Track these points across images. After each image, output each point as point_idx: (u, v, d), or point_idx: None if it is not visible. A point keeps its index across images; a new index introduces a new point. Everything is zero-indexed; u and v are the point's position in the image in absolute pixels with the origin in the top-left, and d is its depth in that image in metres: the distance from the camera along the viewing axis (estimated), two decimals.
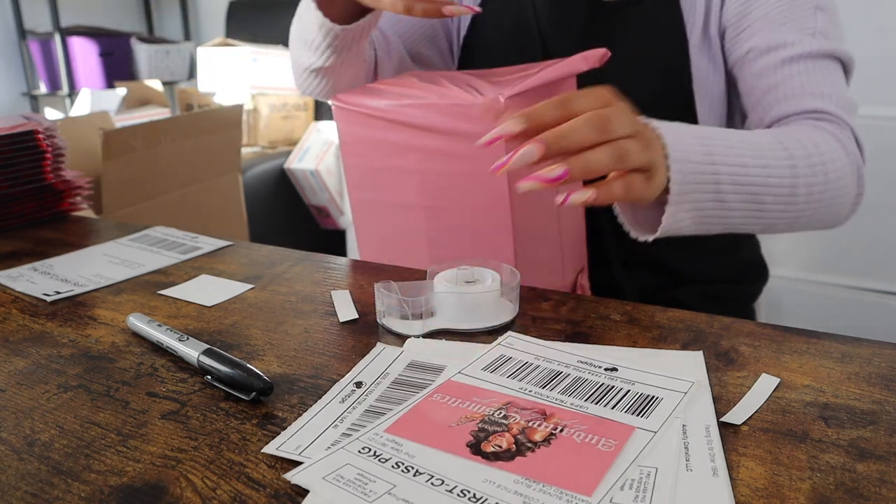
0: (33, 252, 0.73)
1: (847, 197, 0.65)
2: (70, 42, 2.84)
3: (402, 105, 0.63)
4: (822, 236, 1.57)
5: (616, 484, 0.34)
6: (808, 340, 0.48)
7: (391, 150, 0.66)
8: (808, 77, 0.67)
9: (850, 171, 0.64)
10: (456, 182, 0.63)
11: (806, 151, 0.60)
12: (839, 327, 0.57)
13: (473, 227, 0.65)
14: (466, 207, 0.64)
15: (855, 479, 0.34)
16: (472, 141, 0.60)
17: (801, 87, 0.67)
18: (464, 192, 0.64)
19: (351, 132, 0.68)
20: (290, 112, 2.47)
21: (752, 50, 0.70)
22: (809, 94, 0.67)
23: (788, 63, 0.68)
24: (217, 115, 1.62)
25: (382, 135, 0.65)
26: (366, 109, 0.65)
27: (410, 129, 0.63)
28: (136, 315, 0.53)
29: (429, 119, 0.62)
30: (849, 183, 0.64)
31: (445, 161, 0.63)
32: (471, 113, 0.60)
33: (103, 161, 1.33)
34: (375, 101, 0.65)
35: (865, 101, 1.44)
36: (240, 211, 1.75)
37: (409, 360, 0.47)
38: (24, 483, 0.36)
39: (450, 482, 0.34)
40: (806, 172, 0.60)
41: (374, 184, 0.69)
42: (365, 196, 0.70)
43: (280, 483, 0.35)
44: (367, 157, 0.68)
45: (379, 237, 0.71)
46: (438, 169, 0.64)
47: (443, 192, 0.65)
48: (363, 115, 0.66)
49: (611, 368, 0.45)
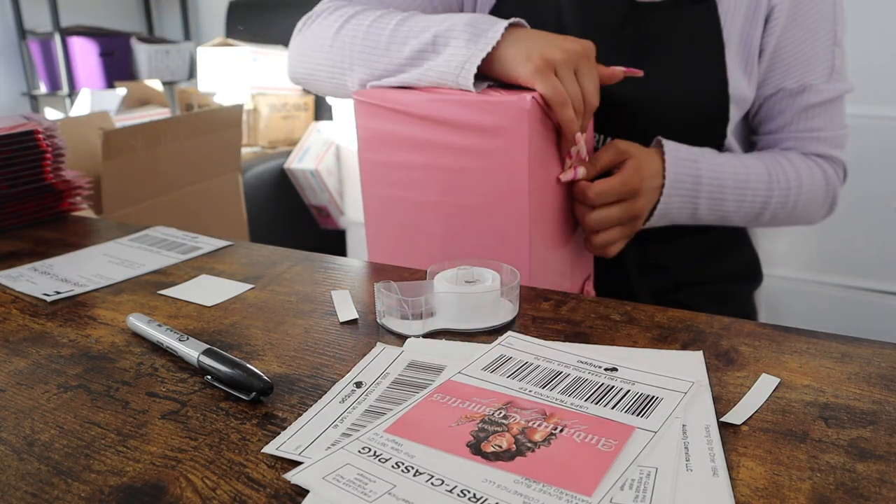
0: (33, 252, 0.73)
1: (812, 217, 0.83)
2: (70, 42, 2.84)
3: (426, 99, 0.63)
4: (822, 236, 1.57)
5: (616, 484, 0.34)
6: (808, 340, 0.48)
7: (411, 145, 0.65)
8: (820, 121, 0.81)
9: (823, 200, 0.82)
10: (475, 179, 0.63)
11: (787, 185, 0.77)
12: (839, 327, 0.58)
13: (489, 226, 0.64)
14: (483, 205, 0.64)
15: (855, 479, 0.34)
16: (495, 137, 0.61)
17: (812, 132, 0.81)
18: (482, 189, 0.64)
19: (370, 127, 0.68)
20: (290, 112, 2.47)
21: (783, 90, 0.80)
22: (816, 140, 0.81)
23: (808, 109, 0.80)
24: (217, 115, 1.62)
25: (403, 130, 0.65)
26: (388, 104, 0.65)
27: (432, 124, 0.63)
28: (136, 315, 0.53)
29: (453, 114, 0.62)
30: (816, 209, 0.82)
31: (466, 158, 0.63)
32: (496, 109, 0.60)
33: (103, 161, 1.33)
34: (398, 96, 0.65)
35: (865, 102, 1.44)
36: (240, 211, 1.75)
37: (409, 360, 0.47)
38: (24, 483, 0.36)
39: (450, 482, 0.34)
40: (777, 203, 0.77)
41: (390, 180, 0.68)
42: (380, 192, 0.70)
43: (280, 483, 0.35)
44: (386, 153, 0.68)
45: (391, 234, 0.71)
46: (458, 166, 0.64)
47: (461, 189, 0.64)
48: (384, 110, 0.65)
49: (611, 368, 0.45)
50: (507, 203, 0.62)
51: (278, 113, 2.44)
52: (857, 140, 1.44)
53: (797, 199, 0.78)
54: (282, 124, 2.45)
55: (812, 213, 0.82)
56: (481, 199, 0.64)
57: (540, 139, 0.62)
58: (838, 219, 1.55)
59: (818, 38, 0.78)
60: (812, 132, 0.80)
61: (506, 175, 0.62)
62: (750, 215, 0.77)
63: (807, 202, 0.79)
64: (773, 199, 0.77)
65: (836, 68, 0.79)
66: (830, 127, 0.80)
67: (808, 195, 0.78)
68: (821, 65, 0.79)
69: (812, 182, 0.79)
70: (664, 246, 0.81)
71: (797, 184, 0.78)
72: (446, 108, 0.62)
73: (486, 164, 0.62)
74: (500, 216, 0.63)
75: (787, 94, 0.80)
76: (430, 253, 0.68)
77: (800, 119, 0.80)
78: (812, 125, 0.80)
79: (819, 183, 0.80)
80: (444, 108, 0.62)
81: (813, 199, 0.79)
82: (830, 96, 0.79)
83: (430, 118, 0.63)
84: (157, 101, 2.55)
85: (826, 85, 0.79)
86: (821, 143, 0.80)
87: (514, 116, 0.59)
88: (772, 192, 0.76)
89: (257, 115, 2.40)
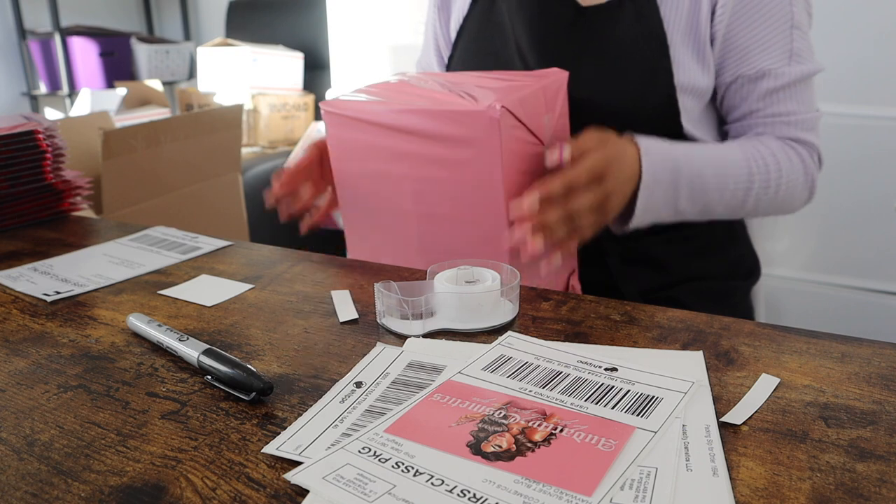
0: (33, 252, 0.73)
1: (794, 204, 0.82)
2: (70, 42, 2.84)
3: (395, 110, 0.62)
4: (822, 236, 1.57)
5: (616, 484, 0.34)
6: (808, 340, 0.48)
7: (382, 155, 0.65)
8: (785, 105, 0.80)
9: (803, 185, 0.81)
10: (449, 189, 0.63)
11: (767, 170, 0.77)
12: (839, 327, 0.58)
13: (466, 235, 0.64)
14: (459, 215, 0.63)
15: (855, 479, 0.34)
16: (467, 147, 0.60)
17: (779, 116, 0.80)
18: (457, 198, 0.63)
19: (341, 137, 0.67)
20: (290, 112, 2.47)
21: (741, 77, 0.80)
22: (785, 123, 0.80)
23: (771, 94, 0.80)
24: (217, 115, 1.61)
25: (374, 140, 0.64)
26: (357, 114, 0.64)
27: (403, 134, 0.62)
28: (136, 315, 0.53)
29: (422, 125, 0.61)
30: (798, 195, 0.81)
31: (439, 167, 0.62)
32: (466, 120, 0.59)
33: (103, 161, 1.33)
34: (367, 107, 0.64)
35: (865, 102, 1.45)
36: (240, 211, 1.75)
37: (409, 360, 0.47)
38: (24, 483, 0.36)
39: (450, 482, 0.34)
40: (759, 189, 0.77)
41: (364, 190, 0.68)
42: (355, 202, 0.69)
43: (280, 483, 0.35)
44: (358, 163, 0.67)
45: (369, 244, 0.71)
46: (431, 175, 0.63)
47: (435, 199, 0.64)
48: (354, 121, 0.64)
49: (611, 368, 0.45)
50: (482, 210, 0.62)
51: (278, 113, 2.44)
52: (857, 140, 1.45)
53: (778, 182, 0.78)
54: (282, 124, 2.45)
55: (794, 199, 0.81)
56: (456, 208, 0.63)
57: (512, 143, 0.61)
58: (838, 219, 1.55)
59: (772, 22, 0.78)
60: (780, 116, 0.80)
61: (480, 183, 0.61)
62: (733, 204, 0.77)
63: (788, 186, 0.79)
64: (755, 185, 0.76)
65: (795, 51, 0.78)
66: (799, 110, 0.80)
67: (788, 178, 0.78)
68: (777, 49, 0.78)
69: (791, 165, 0.78)
70: (656, 241, 0.81)
71: (776, 167, 0.77)
72: (414, 118, 0.61)
73: (459, 174, 0.62)
74: (477, 224, 0.63)
75: (746, 81, 0.79)
76: (409, 262, 0.67)
77: (765, 105, 0.80)
78: (779, 110, 0.80)
79: (797, 166, 0.79)
80: (412, 118, 0.61)
81: (794, 183, 0.79)
82: (792, 79, 0.78)
83: (400, 129, 0.62)
84: (157, 101, 2.55)
85: (786, 69, 0.78)
86: (791, 126, 0.80)
87: (485, 127, 0.58)
88: (752, 178, 0.76)
89: (257, 115, 2.40)
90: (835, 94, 1.43)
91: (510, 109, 0.59)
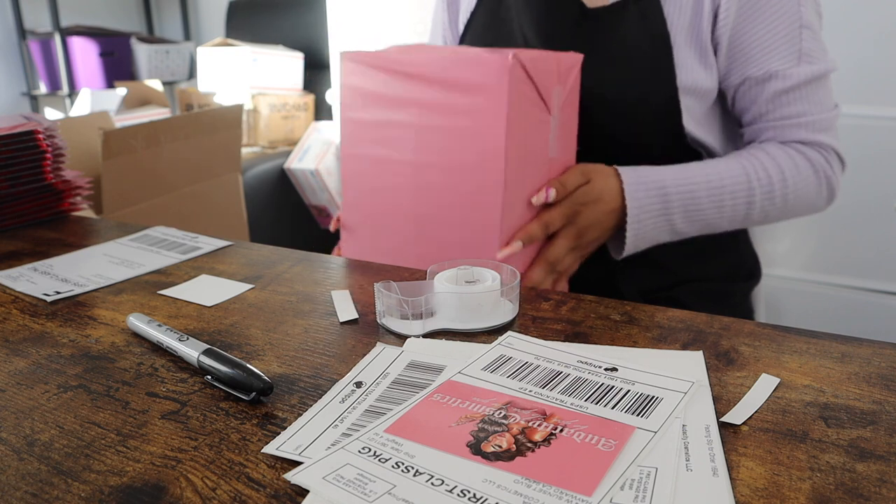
0: (33, 252, 0.73)
1: (812, 206, 0.81)
2: (70, 42, 2.84)
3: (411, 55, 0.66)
4: (822, 236, 1.57)
5: (616, 484, 0.34)
6: (808, 340, 0.48)
7: (391, 103, 0.68)
8: (795, 106, 0.79)
9: (817, 187, 0.79)
10: (451, 138, 0.65)
11: (769, 180, 0.76)
12: (839, 327, 0.58)
13: (462, 187, 0.66)
14: (457, 165, 0.65)
15: (855, 479, 0.34)
16: (475, 94, 0.62)
17: (791, 118, 0.79)
18: (458, 148, 0.65)
19: (354, 86, 0.70)
20: (290, 112, 2.47)
21: (748, 80, 0.79)
22: (796, 126, 0.79)
23: (780, 95, 0.78)
24: (217, 115, 1.61)
25: (385, 88, 0.68)
26: (375, 60, 0.68)
27: (415, 81, 0.66)
28: (136, 315, 0.53)
29: (436, 69, 0.64)
30: (813, 198, 0.80)
31: (444, 115, 0.65)
32: (478, 65, 0.62)
33: (103, 161, 1.33)
34: (385, 53, 0.68)
35: (865, 102, 1.44)
36: (240, 211, 1.75)
37: (409, 360, 0.47)
38: (24, 483, 0.36)
39: (450, 482, 0.34)
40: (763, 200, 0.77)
41: (368, 138, 0.71)
42: (357, 152, 0.72)
43: (280, 483, 0.35)
44: (366, 111, 0.70)
45: (365, 193, 0.73)
46: (435, 124, 0.66)
47: (436, 148, 0.66)
48: (370, 68, 0.68)
49: (611, 368, 0.45)
50: (482, 164, 0.64)
51: (278, 113, 2.44)
52: (857, 140, 1.45)
53: (784, 191, 0.77)
54: (282, 124, 2.45)
55: (810, 203, 0.80)
56: (455, 158, 0.65)
57: (519, 100, 0.63)
58: (838, 219, 1.55)
59: (780, 22, 0.77)
60: (791, 118, 0.79)
61: (483, 135, 0.63)
62: (737, 218, 0.77)
63: (797, 192, 0.78)
64: (757, 197, 0.76)
65: (804, 51, 0.77)
66: (811, 111, 0.79)
67: (795, 185, 0.77)
68: (784, 50, 0.77)
69: (796, 171, 0.77)
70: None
71: (780, 176, 0.76)
72: (433, 62, 0.65)
73: (464, 123, 0.64)
74: (475, 178, 0.64)
75: (754, 83, 0.79)
76: (401, 211, 0.70)
77: (775, 107, 0.79)
78: (790, 111, 0.79)
79: (805, 171, 0.78)
80: (428, 62, 0.65)
81: (804, 188, 0.78)
82: (801, 80, 0.77)
83: (415, 75, 0.65)
84: (157, 101, 2.55)
85: (795, 69, 0.77)
86: (802, 128, 0.79)
87: (496, 72, 0.61)
88: (753, 191, 0.76)
89: (257, 115, 2.40)
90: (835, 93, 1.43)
91: (523, 63, 0.62)
